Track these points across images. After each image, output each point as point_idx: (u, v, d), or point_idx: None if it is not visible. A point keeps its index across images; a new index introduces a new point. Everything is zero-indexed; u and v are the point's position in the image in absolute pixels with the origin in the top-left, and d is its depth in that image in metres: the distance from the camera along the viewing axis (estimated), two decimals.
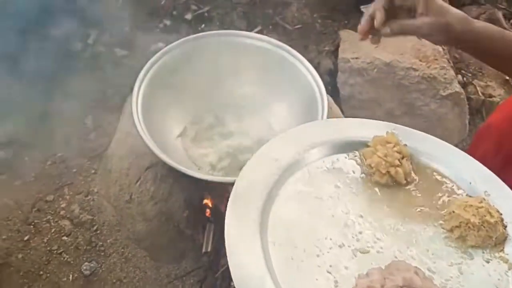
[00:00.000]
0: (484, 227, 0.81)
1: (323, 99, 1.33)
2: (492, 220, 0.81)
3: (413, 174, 0.93)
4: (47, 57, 2.03)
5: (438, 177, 0.94)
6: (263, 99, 1.48)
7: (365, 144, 0.96)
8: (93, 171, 1.71)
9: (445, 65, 1.68)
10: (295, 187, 0.89)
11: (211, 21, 2.22)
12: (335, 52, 1.91)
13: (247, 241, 0.78)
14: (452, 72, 1.71)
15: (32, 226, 1.55)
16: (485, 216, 0.82)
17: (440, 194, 0.91)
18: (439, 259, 0.80)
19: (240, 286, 0.72)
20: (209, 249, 1.43)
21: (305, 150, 0.94)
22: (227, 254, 0.76)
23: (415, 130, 1.01)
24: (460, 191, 0.91)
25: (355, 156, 0.96)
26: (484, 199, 0.86)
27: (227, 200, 1.44)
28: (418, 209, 0.88)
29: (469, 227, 0.82)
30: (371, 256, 0.80)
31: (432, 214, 0.87)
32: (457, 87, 1.68)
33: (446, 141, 1.76)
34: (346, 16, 2.14)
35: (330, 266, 0.77)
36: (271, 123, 1.47)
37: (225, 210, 1.36)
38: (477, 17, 1.98)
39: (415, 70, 1.68)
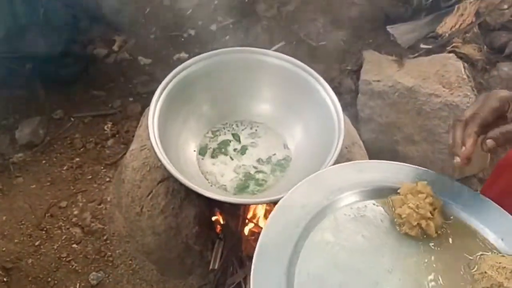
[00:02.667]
0: None
1: (340, 120, 1.31)
2: None
3: (444, 227, 0.89)
4: (71, 61, 2.07)
5: (469, 231, 0.89)
6: (279, 118, 1.47)
7: (394, 190, 0.92)
8: (107, 179, 1.72)
9: (468, 93, 1.64)
10: (321, 237, 0.86)
11: (235, 34, 2.22)
12: (357, 72, 1.88)
13: None
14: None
15: (44, 232, 1.57)
16: None
17: (471, 250, 0.86)
18: None
19: None
20: (216, 267, 1.43)
21: (333, 195, 0.91)
22: None
23: (449, 178, 0.96)
24: (491, 247, 0.86)
25: (384, 203, 0.92)
26: None
27: (238, 219, 1.45)
28: (448, 265, 0.84)
29: None
30: None
31: (463, 272, 0.83)
32: None
33: (465, 170, 1.74)
34: (371, 35, 2.12)
35: None
36: (286, 143, 1.46)
37: (236, 228, 1.36)
38: (506, 44, 1.94)
39: (437, 96, 1.64)
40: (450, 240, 0.87)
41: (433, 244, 0.87)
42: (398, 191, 0.90)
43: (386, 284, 0.80)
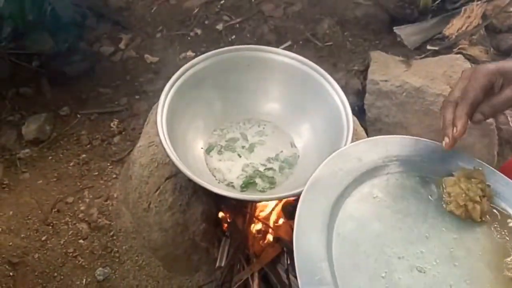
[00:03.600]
0: None
1: (349, 120, 1.30)
2: None
3: (488, 216, 0.91)
4: (77, 59, 2.07)
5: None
6: (287, 117, 1.47)
7: (449, 173, 0.95)
8: (114, 176, 1.72)
9: None
10: (371, 190, 0.92)
11: (241, 33, 2.23)
12: (364, 73, 1.88)
13: (315, 228, 0.82)
14: None
15: (50, 227, 1.57)
16: None
17: (510, 242, 0.88)
18: None
19: (300, 267, 0.75)
20: (223, 264, 1.43)
21: (391, 160, 0.96)
22: (293, 235, 0.79)
23: (502, 174, 0.97)
24: None
25: (438, 182, 0.95)
26: None
27: (245, 217, 1.45)
28: (485, 251, 0.86)
29: None
30: (426, 276, 0.80)
31: (498, 259, 0.85)
32: None
33: None
34: (378, 36, 2.12)
35: (385, 272, 0.80)
36: (294, 142, 1.45)
37: (243, 226, 1.36)
38: None
39: (445, 97, 1.64)
40: (492, 229, 0.89)
41: (474, 228, 0.89)
42: (453, 173, 0.93)
43: (421, 247, 0.84)
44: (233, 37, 2.22)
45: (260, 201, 1.42)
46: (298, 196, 1.10)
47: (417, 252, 0.83)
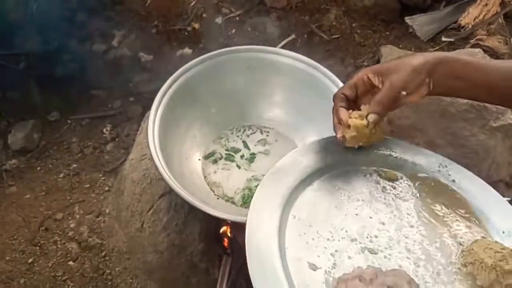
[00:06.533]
0: (496, 270, 0.80)
1: None
2: (506, 267, 0.79)
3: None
4: (67, 58, 1.97)
5: (473, 218, 0.92)
6: (291, 123, 1.37)
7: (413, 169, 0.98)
8: (106, 188, 1.63)
9: None
10: (334, 181, 0.94)
11: (242, 26, 2.13)
12: None
13: (270, 209, 0.84)
14: None
15: (38, 247, 1.48)
16: (500, 261, 0.80)
17: (467, 230, 0.89)
18: (441, 284, 0.81)
19: (249, 243, 0.79)
20: (224, 286, 1.33)
21: (359, 154, 0.97)
22: (248, 216, 0.83)
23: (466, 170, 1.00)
24: (484, 234, 0.90)
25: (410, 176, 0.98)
26: (506, 248, 0.83)
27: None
28: (442, 238, 0.87)
29: (482, 266, 0.81)
30: (377, 258, 0.83)
31: (452, 245, 0.87)
32: (510, 119, 1.51)
33: (492, 175, 1.62)
34: (388, 26, 2.03)
35: (336, 251, 0.82)
36: None
37: (243, 244, 1.26)
38: None
39: None
40: (450, 217, 0.91)
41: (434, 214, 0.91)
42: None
43: (376, 232, 0.86)
44: (233, 31, 2.12)
45: None
46: None
47: (371, 236, 0.85)
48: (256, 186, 1.26)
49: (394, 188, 0.94)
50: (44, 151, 1.75)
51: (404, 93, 0.86)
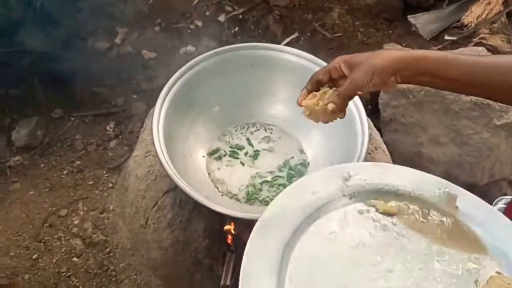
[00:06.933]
0: None
1: (363, 124, 1.22)
2: None
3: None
4: (70, 56, 1.96)
5: (483, 252, 0.82)
6: (295, 120, 1.37)
7: (413, 198, 0.88)
8: (110, 185, 1.62)
9: None
10: (328, 225, 0.83)
11: (245, 24, 2.13)
12: None
13: (264, 274, 0.74)
14: None
15: (42, 244, 1.48)
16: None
17: (479, 266, 0.80)
18: None
19: None
20: (228, 283, 1.33)
21: (348, 190, 0.87)
22: (239, 283, 0.73)
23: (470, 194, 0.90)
24: (498, 268, 0.80)
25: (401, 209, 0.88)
26: None
27: (251, 229, 1.35)
28: (457, 280, 0.78)
29: None
30: None
31: (468, 285, 0.77)
32: None
33: (496, 173, 1.62)
34: (391, 25, 2.02)
35: None
36: (303, 147, 1.35)
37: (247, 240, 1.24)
38: None
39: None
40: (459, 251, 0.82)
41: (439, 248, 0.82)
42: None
43: (384, 283, 0.76)
44: (236, 29, 2.11)
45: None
46: None
47: None
48: (260, 183, 1.28)
49: (395, 224, 0.84)
50: (48, 148, 1.75)
51: (360, 93, 0.87)
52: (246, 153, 1.34)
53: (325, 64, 1.28)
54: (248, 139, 1.36)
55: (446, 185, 0.89)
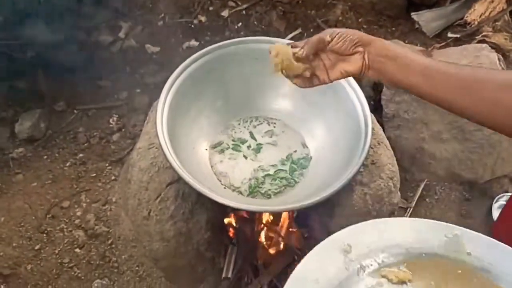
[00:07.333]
0: None
1: (367, 119, 1.21)
2: None
3: None
4: (74, 49, 1.96)
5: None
6: (298, 115, 1.37)
7: (425, 255, 0.77)
8: (113, 177, 1.62)
9: None
10: None
11: (248, 20, 2.12)
12: None
13: None
14: None
15: (44, 235, 1.48)
16: None
17: None
18: None
19: None
20: (229, 275, 1.33)
21: (353, 264, 0.75)
22: None
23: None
24: None
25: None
26: None
27: (253, 224, 1.35)
28: None
29: None
30: None
31: None
32: None
33: (497, 170, 1.62)
34: (394, 22, 2.02)
35: None
36: (305, 141, 1.35)
37: (251, 233, 1.26)
38: None
39: None
40: None
41: None
42: None
43: None
44: (239, 24, 2.11)
45: (267, 212, 1.33)
46: (306, 208, 1.02)
47: None
48: (263, 177, 1.28)
49: None
50: (51, 140, 1.75)
51: (329, 39, 0.91)
52: (249, 147, 1.33)
53: None
54: (251, 133, 1.36)
55: (452, 229, 0.77)
